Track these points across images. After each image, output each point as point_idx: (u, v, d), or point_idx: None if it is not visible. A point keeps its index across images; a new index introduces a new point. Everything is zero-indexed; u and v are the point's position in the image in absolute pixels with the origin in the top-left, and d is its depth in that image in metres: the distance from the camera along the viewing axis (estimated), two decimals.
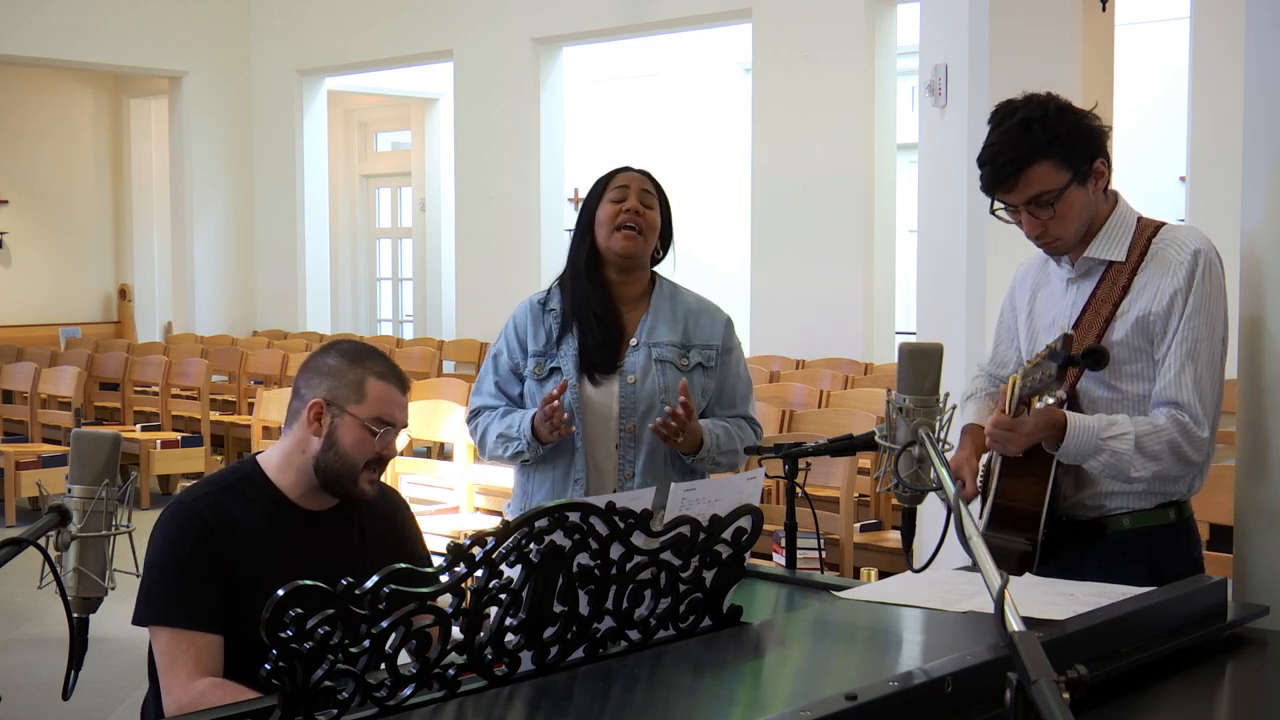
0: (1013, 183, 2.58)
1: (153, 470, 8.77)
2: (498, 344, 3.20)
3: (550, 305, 3.14)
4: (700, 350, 3.12)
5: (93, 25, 12.21)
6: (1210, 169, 7.37)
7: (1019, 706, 1.34)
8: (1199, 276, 2.58)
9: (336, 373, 2.47)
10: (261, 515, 2.44)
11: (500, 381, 3.17)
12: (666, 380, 3.07)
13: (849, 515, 5.10)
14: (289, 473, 2.48)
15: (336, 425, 2.44)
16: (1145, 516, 2.65)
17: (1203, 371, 2.58)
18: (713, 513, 2.09)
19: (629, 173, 3.15)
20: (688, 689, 1.95)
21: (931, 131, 4.71)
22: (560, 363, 3.08)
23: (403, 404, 2.51)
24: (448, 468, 6.55)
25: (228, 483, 2.48)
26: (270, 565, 2.37)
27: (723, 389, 3.15)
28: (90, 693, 4.83)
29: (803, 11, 9.29)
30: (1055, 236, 2.63)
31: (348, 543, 2.52)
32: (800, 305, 9.29)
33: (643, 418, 3.05)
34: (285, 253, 13.13)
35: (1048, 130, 2.56)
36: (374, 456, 2.46)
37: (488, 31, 11.23)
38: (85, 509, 1.74)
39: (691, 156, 12.64)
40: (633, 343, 3.10)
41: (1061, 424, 2.55)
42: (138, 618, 2.37)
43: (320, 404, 2.45)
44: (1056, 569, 2.60)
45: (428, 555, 2.72)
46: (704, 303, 3.22)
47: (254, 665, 2.30)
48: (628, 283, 3.13)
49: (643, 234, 3.07)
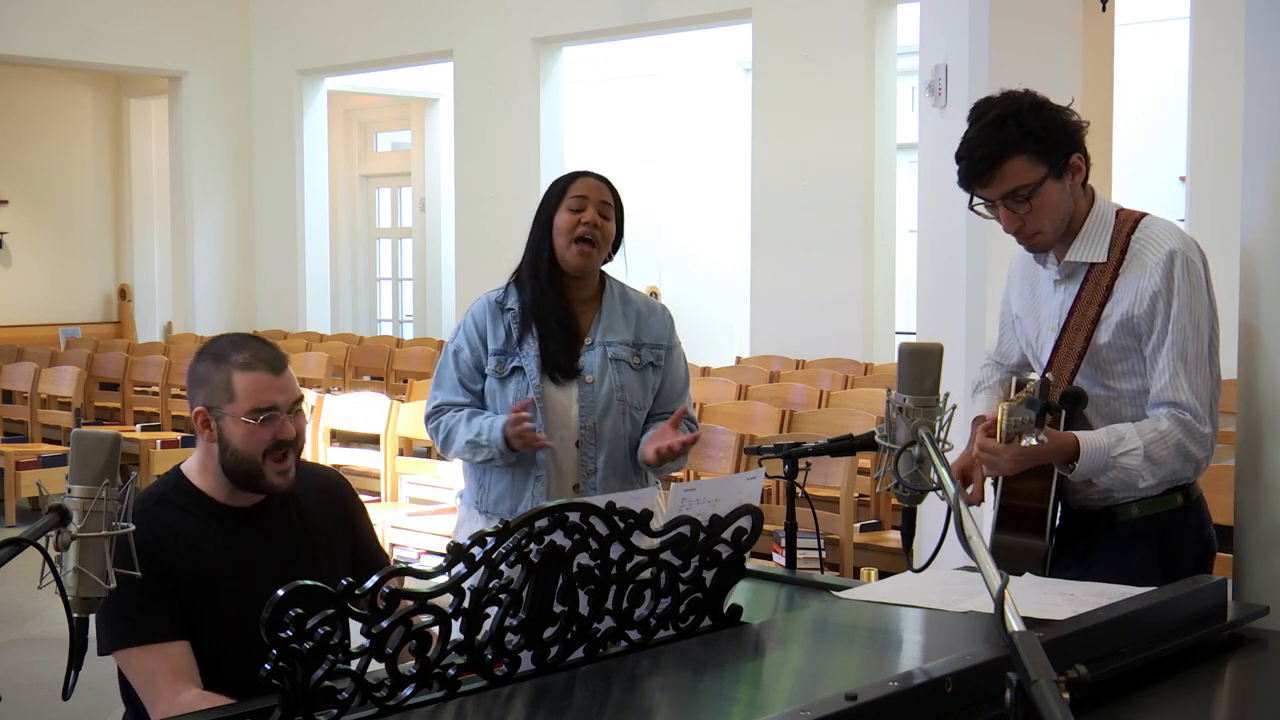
0: (988, 178, 2.61)
1: (153, 470, 8.75)
2: (456, 340, 3.24)
3: (508, 304, 3.20)
4: (650, 349, 3.22)
5: (93, 25, 12.21)
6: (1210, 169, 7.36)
7: (1019, 706, 1.34)
8: (1178, 277, 2.60)
9: (205, 378, 2.47)
10: (196, 522, 2.44)
11: (462, 378, 3.21)
12: (623, 379, 3.17)
13: (849, 515, 5.10)
14: (209, 478, 2.48)
15: (222, 428, 2.43)
16: (1154, 503, 2.68)
17: (1194, 370, 2.60)
18: (713, 513, 2.09)
19: (589, 179, 3.19)
20: (688, 689, 1.95)
21: (931, 131, 4.70)
22: (523, 363, 3.14)
23: (279, 384, 2.46)
24: (448, 468, 6.53)
25: (158, 496, 2.47)
26: (214, 569, 2.38)
27: (664, 385, 3.25)
28: (90, 693, 4.80)
29: (803, 11, 9.29)
30: (1033, 230, 2.65)
31: (287, 531, 2.51)
32: (800, 305, 9.29)
33: (601, 415, 3.15)
34: (285, 253, 13.13)
35: (1021, 125, 2.59)
36: (271, 444, 2.43)
37: (488, 31, 11.23)
38: (85, 509, 1.74)
39: (691, 156, 12.63)
40: (587, 342, 3.18)
41: (1073, 449, 2.59)
42: (102, 648, 2.35)
43: (202, 411, 2.45)
44: (1070, 558, 2.66)
45: (374, 534, 2.72)
46: (650, 302, 3.32)
47: (219, 672, 2.32)
48: (581, 285, 3.21)
49: (597, 247, 3.14)
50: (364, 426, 6.90)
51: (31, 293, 14.13)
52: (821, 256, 9.21)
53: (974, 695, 1.73)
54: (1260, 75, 2.84)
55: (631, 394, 3.17)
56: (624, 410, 3.16)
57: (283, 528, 2.51)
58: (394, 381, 10.07)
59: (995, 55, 4.34)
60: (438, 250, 14.20)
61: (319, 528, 2.54)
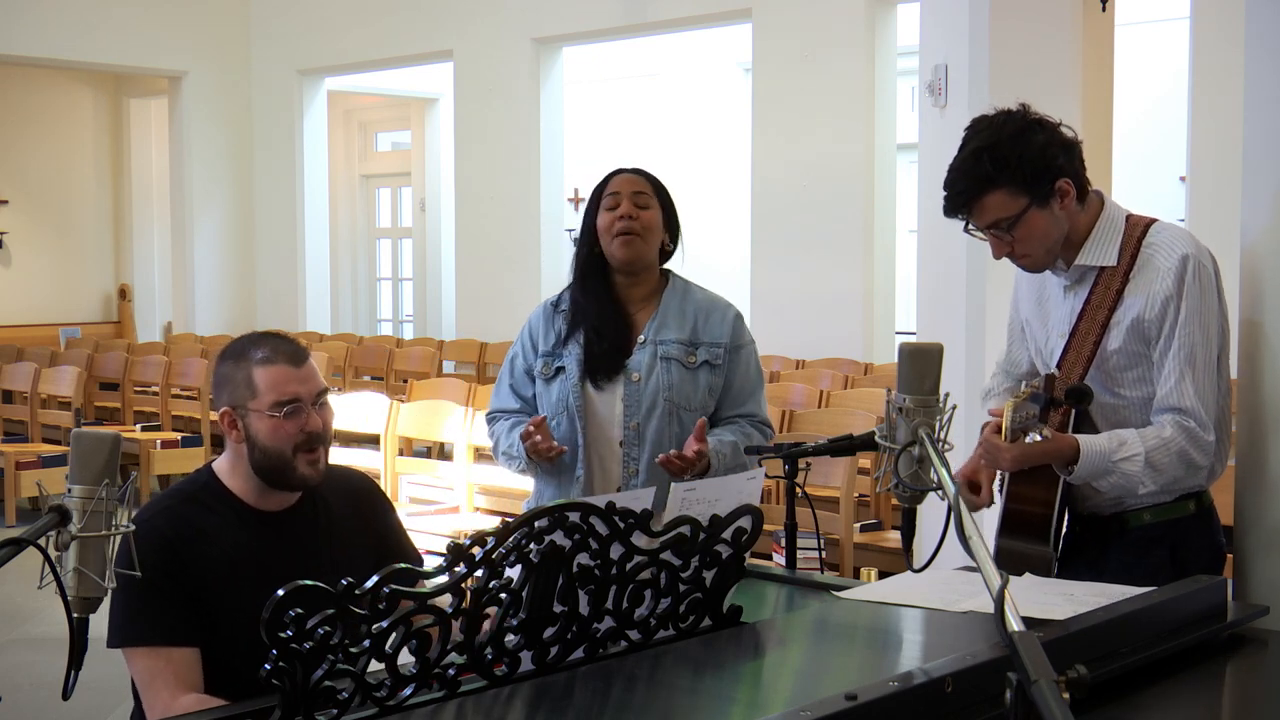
0: (966, 212, 2.62)
1: (153, 470, 8.77)
2: (515, 347, 3.23)
3: (561, 306, 3.18)
4: (708, 348, 3.12)
5: (93, 25, 12.20)
6: (1210, 169, 7.37)
7: (1019, 706, 1.34)
8: (1189, 281, 2.59)
9: (228, 378, 2.47)
10: (224, 523, 2.43)
11: (515, 384, 3.21)
12: (671, 378, 3.08)
13: (849, 515, 5.10)
14: (240, 478, 2.48)
15: (249, 426, 2.44)
16: (1166, 510, 2.68)
17: (1201, 376, 2.59)
18: (713, 513, 2.09)
19: (621, 175, 3.17)
20: (688, 689, 1.95)
21: (931, 131, 4.70)
22: (565, 362, 3.11)
23: (301, 376, 2.46)
24: (448, 468, 6.55)
25: (187, 494, 2.47)
26: (238, 572, 2.37)
27: (730, 386, 3.16)
28: (90, 693, 4.82)
29: (803, 11, 9.29)
30: (1021, 255, 2.66)
31: (313, 540, 2.50)
32: (800, 305, 9.29)
33: (646, 416, 3.06)
34: (285, 253, 13.13)
35: (996, 161, 2.56)
36: (301, 438, 2.43)
37: (488, 31, 11.23)
38: (85, 509, 1.74)
39: (691, 156, 12.64)
40: (640, 340, 3.11)
41: (1073, 450, 2.58)
42: (111, 641, 2.35)
43: (228, 412, 2.46)
44: (1083, 565, 2.64)
45: (403, 533, 2.70)
46: (714, 299, 3.22)
47: (233, 673, 2.31)
48: (636, 284, 3.15)
49: (641, 236, 3.08)
50: (364, 426, 6.90)
51: (31, 293, 14.13)
52: (821, 256, 9.21)
53: (974, 695, 1.73)
54: (1260, 75, 2.84)
55: (680, 394, 3.07)
56: (670, 410, 3.07)
57: (308, 534, 2.50)
58: (394, 381, 10.07)
59: (995, 55, 4.34)
60: (438, 250, 14.20)
61: (344, 536, 2.54)
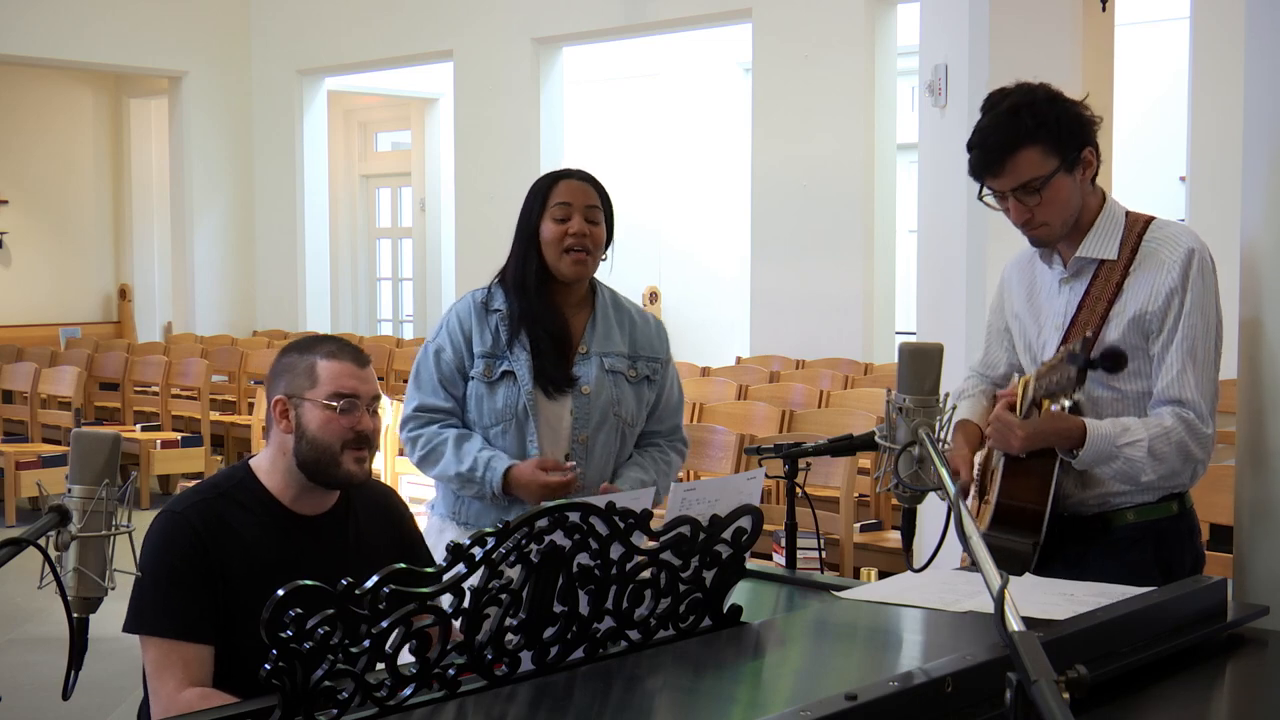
0: (1000, 167, 2.59)
1: (153, 470, 8.77)
2: (438, 339, 3.05)
3: (494, 305, 3.03)
4: (646, 362, 3.08)
5: (93, 25, 12.21)
6: (1210, 169, 7.36)
7: (1019, 706, 1.34)
8: (1194, 274, 2.59)
9: (290, 367, 2.48)
10: (255, 522, 2.43)
11: (443, 379, 3.02)
12: (620, 392, 3.03)
13: (849, 515, 5.10)
14: (278, 476, 2.47)
15: (301, 415, 2.44)
16: (1149, 510, 2.67)
17: (1201, 370, 2.59)
18: (713, 513, 2.09)
19: (571, 182, 3.03)
20: (688, 689, 1.95)
21: (931, 131, 4.70)
22: (514, 368, 2.98)
23: (362, 375, 2.47)
24: None
25: (222, 489, 2.46)
26: (264, 573, 2.36)
27: (659, 402, 3.12)
28: (90, 693, 4.82)
29: (803, 11, 9.30)
30: (1041, 223, 2.63)
31: (342, 547, 2.50)
32: (800, 305, 9.29)
33: (596, 429, 3.00)
34: (285, 253, 13.13)
35: (1036, 116, 2.57)
36: (350, 435, 2.43)
37: (488, 31, 11.23)
38: (85, 509, 1.74)
39: (691, 156, 12.63)
40: (581, 350, 3.03)
41: (1080, 432, 2.57)
42: (128, 626, 2.36)
43: (282, 400, 2.46)
44: (1062, 565, 2.62)
45: (424, 541, 2.72)
46: (643, 312, 3.17)
47: (250, 673, 2.31)
48: (571, 291, 3.05)
49: (592, 255, 3.00)
50: None
51: (31, 293, 14.13)
52: (821, 257, 9.21)
53: (974, 695, 1.73)
54: (1260, 75, 2.84)
55: (626, 409, 3.02)
56: (617, 425, 3.02)
57: (338, 541, 2.50)
58: (394, 381, 10.07)
59: (995, 55, 4.33)
60: (438, 250, 14.20)
61: (372, 545, 2.53)
